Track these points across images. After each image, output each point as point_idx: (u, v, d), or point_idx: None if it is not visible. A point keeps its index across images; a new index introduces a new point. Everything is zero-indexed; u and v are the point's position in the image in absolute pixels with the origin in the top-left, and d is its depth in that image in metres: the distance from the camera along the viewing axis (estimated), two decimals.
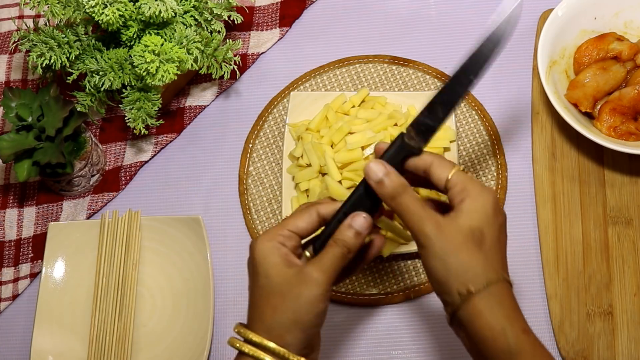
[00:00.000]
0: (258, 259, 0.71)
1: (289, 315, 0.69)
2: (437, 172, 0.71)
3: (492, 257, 0.69)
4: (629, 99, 0.99)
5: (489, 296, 0.67)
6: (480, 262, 0.68)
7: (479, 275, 0.68)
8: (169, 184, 1.07)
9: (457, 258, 0.68)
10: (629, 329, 0.95)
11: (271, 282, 0.70)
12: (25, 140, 0.97)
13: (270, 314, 0.69)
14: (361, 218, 0.71)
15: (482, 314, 0.67)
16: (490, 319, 0.67)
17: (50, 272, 1.01)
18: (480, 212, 0.69)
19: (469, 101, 1.06)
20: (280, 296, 0.69)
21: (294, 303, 0.69)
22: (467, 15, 1.12)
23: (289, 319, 0.69)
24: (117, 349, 0.97)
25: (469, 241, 0.68)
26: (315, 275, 0.70)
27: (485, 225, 0.69)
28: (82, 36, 1.01)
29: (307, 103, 1.04)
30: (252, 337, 0.70)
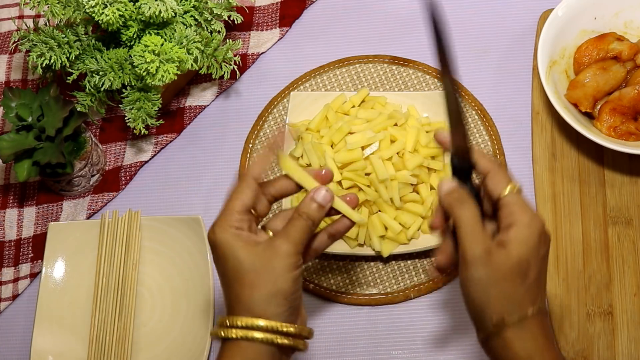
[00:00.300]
0: (223, 250, 0.71)
1: (269, 288, 0.70)
2: (491, 185, 0.72)
3: (533, 290, 0.69)
4: (629, 99, 0.99)
5: (522, 328, 0.68)
6: (520, 295, 0.68)
7: (516, 308, 0.68)
8: (169, 184, 1.07)
9: (499, 288, 0.68)
10: (629, 329, 0.95)
11: (242, 264, 0.70)
12: (25, 140, 0.97)
13: (248, 293, 0.70)
14: (323, 191, 0.74)
15: (513, 345, 0.68)
16: (520, 351, 0.68)
17: (50, 272, 1.01)
18: (528, 244, 0.69)
19: (469, 101, 1.06)
20: (255, 273, 0.70)
21: (270, 275, 0.70)
22: (467, 15, 1.12)
23: (269, 291, 0.70)
24: (117, 349, 0.97)
25: (514, 273, 0.68)
26: (284, 247, 0.71)
27: (531, 258, 0.69)
28: (82, 36, 1.01)
29: (307, 103, 1.04)
30: (237, 322, 0.70)
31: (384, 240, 0.96)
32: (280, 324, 0.70)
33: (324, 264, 1.01)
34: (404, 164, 0.96)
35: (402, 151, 0.96)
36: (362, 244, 0.97)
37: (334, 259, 1.01)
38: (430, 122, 1.01)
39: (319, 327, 0.99)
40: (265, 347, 0.70)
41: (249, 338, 0.70)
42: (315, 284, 1.00)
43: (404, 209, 0.95)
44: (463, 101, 0.72)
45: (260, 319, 0.70)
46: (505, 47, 1.11)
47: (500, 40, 1.11)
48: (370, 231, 0.95)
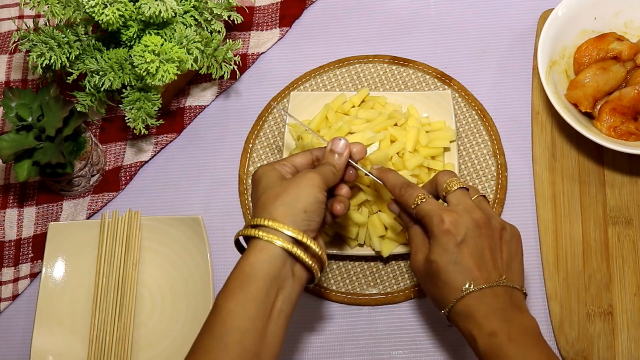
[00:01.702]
0: (259, 177, 0.81)
1: (291, 198, 0.78)
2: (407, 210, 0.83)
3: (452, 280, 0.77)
4: (629, 99, 0.99)
5: (456, 313, 0.77)
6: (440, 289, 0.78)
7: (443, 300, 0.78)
8: (169, 184, 1.07)
9: (426, 289, 0.81)
10: (629, 329, 0.95)
11: (274, 182, 0.80)
12: (25, 140, 0.97)
13: (272, 201, 0.78)
14: (338, 141, 0.84)
15: (458, 327, 0.78)
16: (463, 330, 0.77)
17: (50, 272, 1.01)
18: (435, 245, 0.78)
19: (469, 101, 1.07)
20: (282, 187, 0.79)
21: (295, 188, 0.78)
22: (467, 15, 1.13)
23: (291, 200, 0.77)
24: (117, 349, 0.97)
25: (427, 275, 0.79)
26: (312, 174, 0.80)
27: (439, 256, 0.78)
28: (82, 36, 1.01)
29: (307, 103, 1.04)
30: (261, 222, 0.77)
31: (384, 240, 0.96)
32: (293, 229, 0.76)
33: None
34: (404, 164, 0.96)
35: (402, 151, 0.96)
36: (362, 244, 0.97)
37: (334, 259, 1.01)
38: (430, 122, 1.01)
39: (319, 327, 0.99)
40: (277, 249, 0.76)
41: (261, 237, 0.76)
42: (316, 284, 1.00)
43: None
44: None
45: (276, 222, 0.76)
46: (505, 47, 1.11)
47: (500, 40, 1.11)
48: (370, 231, 0.95)
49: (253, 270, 0.75)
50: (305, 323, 0.99)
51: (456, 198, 0.80)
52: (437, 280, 0.78)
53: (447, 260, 0.77)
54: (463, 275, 0.77)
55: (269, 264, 0.75)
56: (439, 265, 0.77)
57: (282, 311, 0.76)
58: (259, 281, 0.74)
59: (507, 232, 0.80)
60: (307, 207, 0.78)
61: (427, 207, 0.79)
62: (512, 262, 0.79)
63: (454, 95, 1.07)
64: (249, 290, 0.74)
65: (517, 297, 0.77)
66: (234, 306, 0.74)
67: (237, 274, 0.75)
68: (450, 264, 0.77)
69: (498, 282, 0.77)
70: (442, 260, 0.77)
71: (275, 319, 0.75)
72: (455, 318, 0.77)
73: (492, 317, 0.75)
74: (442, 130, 1.01)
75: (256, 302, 0.74)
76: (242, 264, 0.76)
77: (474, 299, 0.76)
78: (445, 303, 0.78)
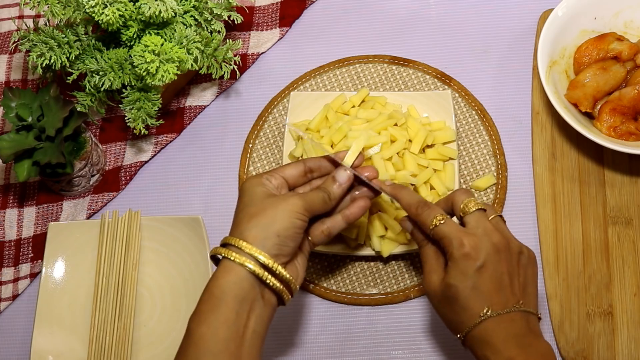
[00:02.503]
0: (243, 191, 0.79)
1: (267, 221, 0.76)
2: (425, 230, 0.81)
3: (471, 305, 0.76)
4: (629, 99, 0.99)
5: (472, 338, 0.76)
6: (458, 313, 0.77)
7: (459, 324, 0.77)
8: (168, 184, 1.07)
9: (441, 312, 0.79)
10: (629, 329, 0.95)
11: (253, 201, 0.78)
12: (25, 140, 0.97)
13: (247, 220, 0.77)
14: (342, 171, 0.82)
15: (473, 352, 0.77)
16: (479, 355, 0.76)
17: (50, 272, 1.01)
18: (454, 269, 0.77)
19: (469, 101, 1.07)
20: (260, 207, 0.77)
21: (272, 211, 0.77)
22: (467, 15, 1.13)
23: (266, 223, 0.76)
24: (117, 349, 0.97)
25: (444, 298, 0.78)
26: (295, 198, 0.78)
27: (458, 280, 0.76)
28: (82, 36, 1.01)
29: (307, 103, 1.04)
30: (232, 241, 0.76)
31: (384, 240, 0.96)
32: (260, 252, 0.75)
33: (324, 264, 1.01)
34: (404, 164, 0.96)
35: (402, 151, 0.96)
36: (362, 244, 0.97)
37: (334, 259, 1.01)
38: (430, 122, 1.01)
39: (319, 327, 0.99)
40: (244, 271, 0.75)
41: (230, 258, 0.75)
42: (315, 284, 1.00)
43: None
44: None
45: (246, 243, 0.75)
46: (505, 47, 1.11)
47: (500, 40, 1.11)
48: (370, 231, 0.95)
49: (222, 292, 0.74)
50: (305, 323, 0.99)
51: (474, 220, 0.78)
52: (455, 305, 0.76)
53: (466, 285, 0.76)
54: (481, 300, 0.76)
55: (236, 286, 0.75)
56: (458, 289, 0.76)
57: (254, 332, 0.75)
58: (229, 303, 0.74)
59: (525, 256, 0.79)
60: (281, 232, 0.76)
61: (446, 229, 0.78)
62: (528, 287, 0.78)
63: (454, 95, 1.07)
64: (220, 312, 0.74)
65: (532, 322, 0.77)
66: (206, 329, 0.73)
67: (207, 297, 0.75)
68: (469, 289, 0.76)
69: (515, 308, 0.76)
70: (461, 285, 0.76)
71: (249, 340, 0.75)
72: (471, 342, 0.76)
73: (509, 343, 0.74)
74: (442, 130, 1.01)
75: (227, 324, 0.74)
76: (210, 286, 0.75)
77: (492, 324, 0.75)
78: (461, 327, 0.77)
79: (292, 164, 0.83)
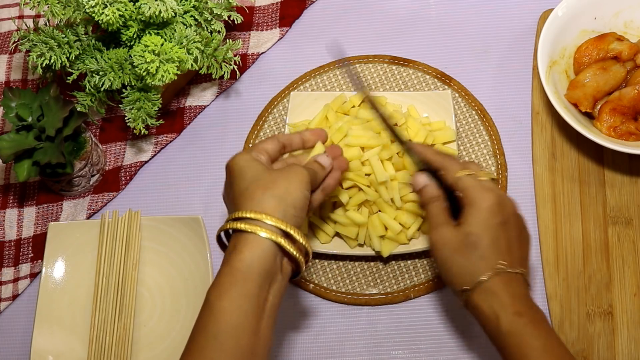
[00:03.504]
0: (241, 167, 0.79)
1: (281, 191, 0.77)
2: (446, 178, 0.83)
3: (488, 256, 0.79)
4: (629, 99, 0.99)
5: (483, 291, 0.78)
6: (474, 263, 0.79)
7: (473, 274, 0.79)
8: (169, 184, 1.07)
9: (453, 261, 0.80)
10: (629, 329, 0.95)
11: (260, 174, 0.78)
12: (25, 140, 0.97)
13: (261, 192, 0.76)
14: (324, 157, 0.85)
15: (478, 305, 0.78)
16: (485, 308, 0.78)
17: (50, 272, 1.01)
18: (476, 217, 0.79)
19: (469, 101, 1.07)
20: (270, 180, 0.78)
21: (285, 182, 0.77)
22: (467, 15, 1.13)
23: (282, 193, 0.77)
24: (117, 349, 0.97)
25: (463, 245, 0.79)
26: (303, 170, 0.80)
27: (480, 229, 0.79)
28: (82, 36, 1.01)
29: (307, 103, 1.04)
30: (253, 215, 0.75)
31: (384, 240, 0.96)
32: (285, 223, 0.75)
33: (324, 264, 1.01)
34: (404, 164, 0.96)
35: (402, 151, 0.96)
36: (362, 244, 0.97)
37: (334, 259, 1.01)
38: (430, 122, 1.01)
39: (319, 327, 0.99)
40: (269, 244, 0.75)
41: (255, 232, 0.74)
42: (316, 284, 1.00)
43: (403, 209, 0.95)
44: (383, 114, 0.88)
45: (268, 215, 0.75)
46: (505, 47, 1.11)
47: (500, 40, 1.11)
48: (370, 231, 0.95)
49: (247, 266, 0.74)
50: (306, 323, 0.99)
51: (492, 184, 0.82)
52: (473, 254, 0.78)
53: (488, 234, 0.78)
54: (497, 254, 0.78)
55: (261, 260, 0.74)
56: (480, 237, 0.78)
57: (272, 305, 0.76)
58: (254, 278, 0.74)
59: (526, 231, 0.83)
60: (296, 203, 0.77)
61: (473, 181, 0.80)
62: (527, 259, 0.83)
63: (454, 95, 1.07)
64: (244, 287, 0.73)
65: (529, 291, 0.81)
66: (228, 304, 0.73)
67: (229, 270, 0.74)
68: (490, 239, 0.78)
69: (521, 272, 0.79)
70: (483, 234, 0.78)
71: (267, 313, 0.75)
72: (479, 295, 0.78)
73: (517, 299, 0.77)
74: (442, 130, 1.01)
75: (250, 299, 0.73)
76: (232, 260, 0.74)
77: (504, 279, 0.78)
78: (473, 278, 0.78)
79: (268, 140, 0.84)
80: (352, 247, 0.97)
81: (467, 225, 0.79)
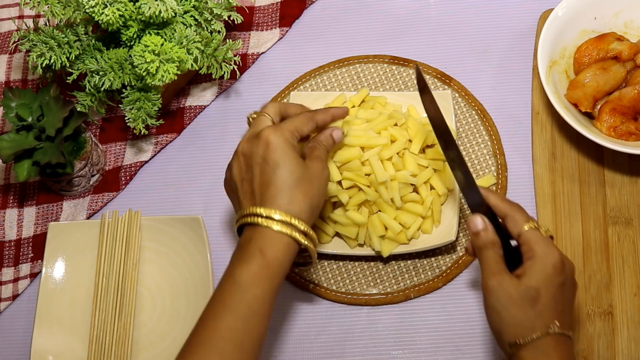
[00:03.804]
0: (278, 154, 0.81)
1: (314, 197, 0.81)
2: (510, 227, 0.81)
3: (545, 314, 0.77)
4: (629, 99, 0.99)
5: (535, 348, 0.76)
6: (531, 318, 0.76)
7: (527, 329, 0.76)
8: (169, 184, 1.07)
9: (509, 312, 0.77)
10: (629, 329, 0.95)
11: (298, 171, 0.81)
12: (25, 140, 0.97)
13: (301, 197, 0.80)
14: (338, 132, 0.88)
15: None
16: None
17: (50, 272, 1.01)
18: (540, 273, 0.77)
19: (469, 101, 1.06)
20: (308, 182, 0.81)
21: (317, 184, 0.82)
22: (467, 15, 1.13)
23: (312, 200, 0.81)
24: (117, 349, 0.97)
25: (522, 299, 0.77)
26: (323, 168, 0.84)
27: (542, 286, 0.77)
28: (82, 36, 1.01)
29: (307, 103, 1.04)
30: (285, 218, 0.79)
31: (384, 240, 0.96)
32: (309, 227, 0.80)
33: (324, 264, 1.01)
34: (404, 164, 0.96)
35: (402, 151, 0.96)
36: (362, 244, 0.97)
37: (334, 259, 1.01)
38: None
39: (319, 327, 0.99)
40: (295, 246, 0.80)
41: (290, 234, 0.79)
42: (316, 284, 1.00)
43: (404, 209, 0.95)
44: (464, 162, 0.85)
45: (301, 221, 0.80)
46: (505, 47, 1.11)
47: (500, 40, 1.11)
48: (370, 231, 0.95)
49: (280, 265, 0.79)
50: (306, 323, 0.99)
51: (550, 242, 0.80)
52: (531, 309, 0.76)
53: (549, 292, 0.77)
54: (554, 314, 0.77)
55: (290, 260, 0.80)
56: (541, 294, 0.77)
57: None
58: (282, 275, 0.80)
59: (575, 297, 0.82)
60: (320, 204, 0.82)
61: (539, 236, 0.79)
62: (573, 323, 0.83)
63: (454, 95, 1.07)
64: (274, 280, 0.79)
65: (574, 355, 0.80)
66: (262, 293, 0.78)
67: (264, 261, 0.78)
68: (551, 297, 0.77)
69: (570, 335, 0.78)
70: (545, 291, 0.77)
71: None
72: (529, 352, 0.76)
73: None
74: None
75: (276, 293, 0.79)
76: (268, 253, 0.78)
77: (555, 340, 0.76)
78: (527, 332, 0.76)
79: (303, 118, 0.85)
80: (352, 247, 0.97)
81: (528, 278, 0.77)
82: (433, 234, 0.97)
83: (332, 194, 0.94)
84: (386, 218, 0.95)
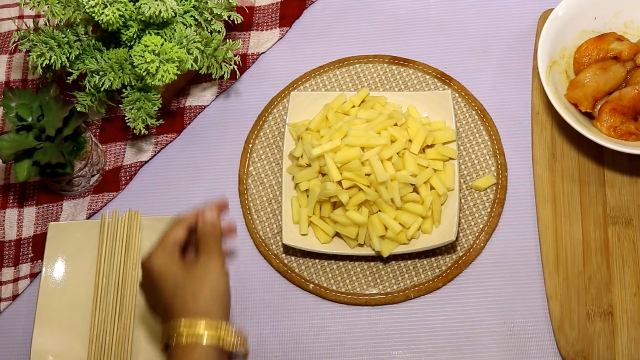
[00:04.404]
0: (159, 273, 0.84)
1: (208, 293, 0.82)
2: None
3: None
4: (629, 99, 0.99)
5: None
6: None
7: None
8: (169, 184, 1.07)
9: None
10: (629, 329, 0.95)
11: (181, 279, 0.83)
12: (25, 140, 0.97)
13: (192, 301, 0.82)
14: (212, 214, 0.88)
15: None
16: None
17: (50, 272, 1.01)
18: None
19: (469, 101, 1.07)
20: (195, 284, 0.83)
21: (208, 282, 0.83)
22: (467, 15, 1.13)
23: (210, 294, 0.82)
24: (117, 349, 0.97)
25: None
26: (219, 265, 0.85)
27: None
28: (82, 36, 1.01)
29: (307, 103, 1.04)
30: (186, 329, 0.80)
31: (384, 240, 0.96)
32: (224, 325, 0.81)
33: (324, 264, 1.01)
34: (404, 164, 0.96)
35: (402, 151, 0.96)
36: (362, 244, 0.97)
37: (334, 259, 1.01)
38: (430, 122, 1.01)
39: (319, 327, 0.99)
40: (212, 349, 0.80)
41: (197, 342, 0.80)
42: (316, 284, 1.00)
43: (404, 209, 0.95)
44: None
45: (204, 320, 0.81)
46: (505, 47, 1.11)
47: (500, 40, 1.11)
48: (370, 231, 0.95)
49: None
50: (306, 323, 0.99)
51: None
52: None
53: None
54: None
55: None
56: None
57: None
58: None
59: None
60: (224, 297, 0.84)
61: None
62: None
63: (454, 95, 1.07)
64: None
65: None
66: None
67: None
68: None
69: None
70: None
71: None
72: None
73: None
74: (442, 130, 1.01)
75: None
76: None
77: None
78: None
79: (176, 228, 0.87)
80: (352, 247, 0.97)
81: None
82: (433, 234, 0.97)
83: (332, 194, 0.94)
84: (386, 218, 0.95)
